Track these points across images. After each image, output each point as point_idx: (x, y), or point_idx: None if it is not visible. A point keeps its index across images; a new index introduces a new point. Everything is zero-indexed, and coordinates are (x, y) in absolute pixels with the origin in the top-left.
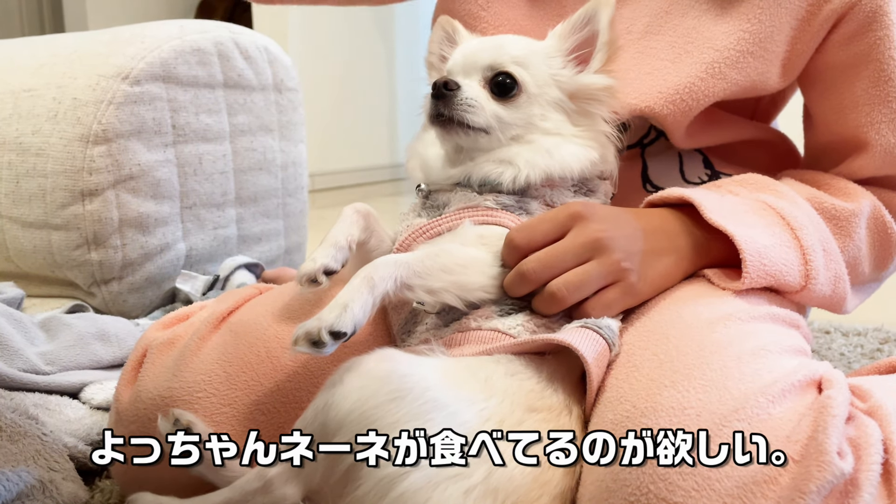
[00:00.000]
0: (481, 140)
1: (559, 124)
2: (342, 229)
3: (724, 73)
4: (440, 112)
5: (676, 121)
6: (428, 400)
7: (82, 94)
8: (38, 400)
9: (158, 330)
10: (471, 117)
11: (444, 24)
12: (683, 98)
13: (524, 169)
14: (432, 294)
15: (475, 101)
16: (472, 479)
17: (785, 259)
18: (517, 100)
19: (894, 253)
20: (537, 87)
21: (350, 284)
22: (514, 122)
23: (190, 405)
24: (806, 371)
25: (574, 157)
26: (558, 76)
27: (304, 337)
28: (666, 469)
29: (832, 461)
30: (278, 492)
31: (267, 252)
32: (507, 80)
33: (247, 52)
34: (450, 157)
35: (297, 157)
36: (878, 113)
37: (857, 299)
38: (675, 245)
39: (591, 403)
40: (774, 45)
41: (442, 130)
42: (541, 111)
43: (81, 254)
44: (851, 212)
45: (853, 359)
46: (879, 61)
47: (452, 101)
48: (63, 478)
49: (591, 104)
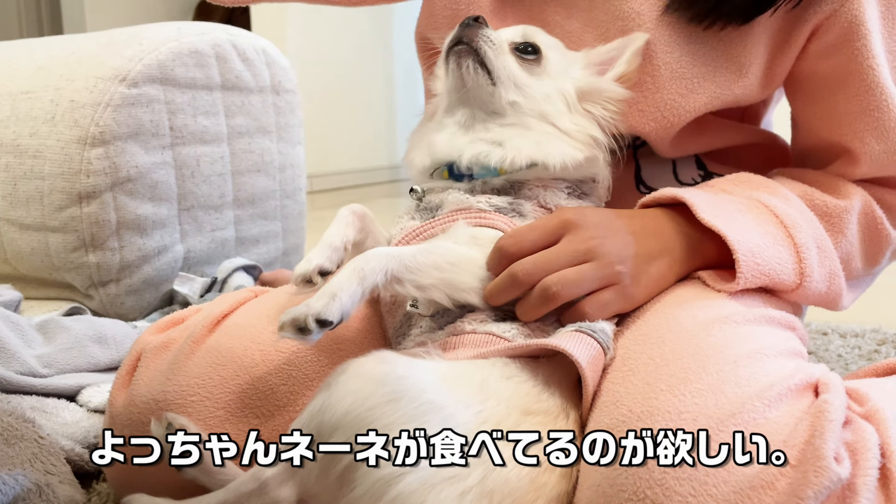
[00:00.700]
0: (485, 88)
1: (558, 115)
2: (337, 230)
3: (702, 87)
4: (461, 39)
5: (659, 136)
6: (424, 402)
7: (80, 97)
8: (35, 403)
9: (153, 333)
10: (489, 52)
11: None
12: (664, 115)
13: (510, 153)
14: (421, 290)
15: (498, 43)
16: (467, 482)
17: (779, 257)
18: (534, 66)
19: (885, 248)
20: (554, 70)
21: (340, 274)
22: (523, 87)
23: (184, 408)
24: (802, 375)
25: (560, 152)
26: (576, 74)
27: (291, 323)
28: (663, 474)
29: (829, 466)
30: (273, 493)
31: (265, 254)
32: (532, 48)
33: (244, 54)
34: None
35: (294, 158)
36: (861, 123)
37: (852, 295)
38: (668, 247)
39: (588, 407)
40: (752, 57)
41: (455, 61)
42: (547, 93)
43: (79, 256)
44: (844, 208)
45: (851, 360)
46: (859, 72)
47: (478, 32)
48: (60, 481)
49: (593, 106)
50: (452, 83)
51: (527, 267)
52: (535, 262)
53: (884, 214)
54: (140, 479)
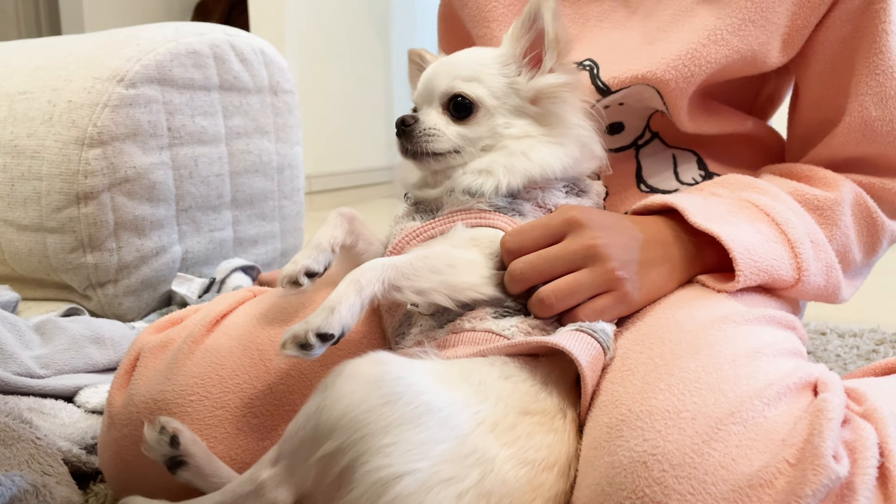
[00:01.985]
0: (454, 160)
1: (525, 128)
2: (325, 232)
3: (725, 40)
4: (406, 147)
5: (679, 87)
6: (421, 403)
7: (77, 97)
8: (32, 404)
9: (151, 333)
10: (433, 145)
11: (412, 56)
12: (685, 63)
13: (504, 176)
14: (422, 294)
15: (434, 129)
16: (465, 483)
17: (774, 254)
18: (476, 117)
19: (882, 237)
20: (496, 99)
21: (338, 288)
22: (480, 136)
23: (182, 408)
24: (801, 374)
25: (552, 155)
26: (515, 83)
27: (292, 340)
28: (662, 472)
29: (828, 465)
30: (270, 495)
31: (263, 255)
32: (463, 100)
33: (242, 55)
34: (428, 181)
35: (293, 159)
36: (863, 84)
37: (851, 287)
38: (668, 255)
39: (586, 407)
40: (776, 16)
41: (415, 162)
42: (504, 120)
43: (77, 257)
44: (834, 200)
45: (849, 360)
46: (873, 33)
47: (413, 135)
48: (57, 482)
49: (556, 103)
50: (426, 174)
51: (521, 266)
52: (530, 262)
53: (876, 204)
54: (137, 480)
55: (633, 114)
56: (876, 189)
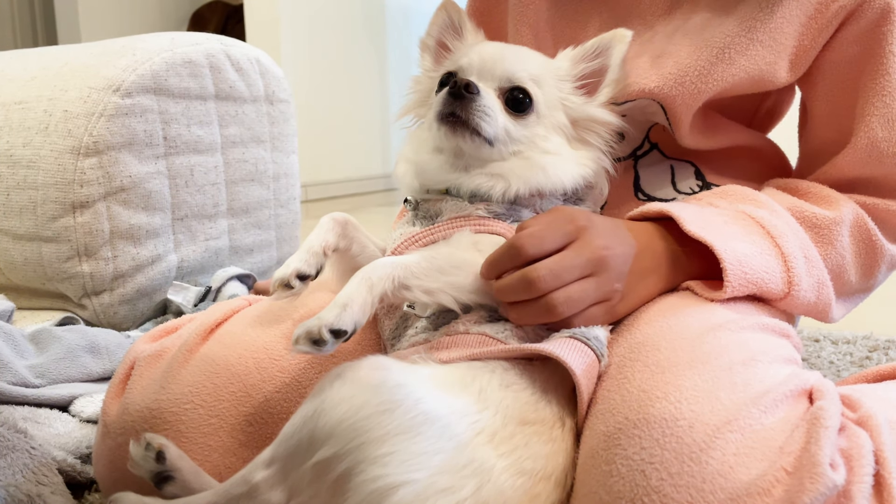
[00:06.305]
0: (483, 150)
1: (558, 146)
2: (317, 236)
3: (733, 59)
4: (454, 112)
5: (685, 104)
6: (419, 413)
7: (73, 107)
8: (27, 413)
9: (146, 343)
10: (485, 126)
11: (450, 8)
12: (693, 80)
13: (514, 184)
14: (429, 294)
15: (492, 111)
16: (461, 494)
17: (766, 266)
18: (527, 118)
19: (881, 260)
20: (547, 109)
21: (349, 285)
22: (520, 139)
23: (177, 417)
24: (797, 381)
25: (568, 174)
26: (567, 101)
27: (305, 336)
28: (660, 481)
29: (825, 473)
30: (263, 497)
31: (259, 263)
32: (523, 96)
33: (238, 64)
34: (447, 162)
35: (288, 167)
36: (870, 105)
37: (843, 309)
38: (657, 265)
39: (583, 415)
40: (784, 36)
41: (449, 130)
42: (544, 132)
43: (72, 266)
44: (832, 220)
45: (842, 367)
46: (880, 55)
47: (471, 105)
48: (51, 492)
49: (590, 134)
50: (447, 147)
51: (543, 274)
52: (551, 270)
53: (876, 227)
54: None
55: (633, 125)
56: (879, 210)
